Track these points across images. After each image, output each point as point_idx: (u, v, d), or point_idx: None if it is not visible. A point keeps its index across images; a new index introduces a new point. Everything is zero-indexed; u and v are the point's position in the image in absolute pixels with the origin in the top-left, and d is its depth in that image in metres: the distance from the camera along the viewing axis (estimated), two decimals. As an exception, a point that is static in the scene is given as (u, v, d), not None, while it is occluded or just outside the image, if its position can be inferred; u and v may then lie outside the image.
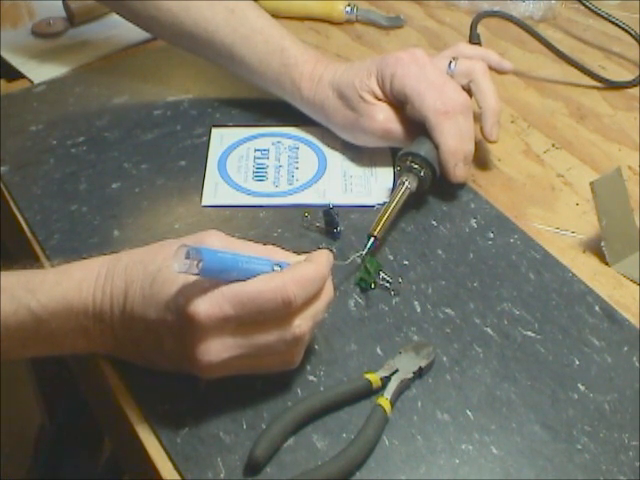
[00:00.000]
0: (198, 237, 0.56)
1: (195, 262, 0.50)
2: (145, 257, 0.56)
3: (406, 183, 0.71)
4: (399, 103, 0.75)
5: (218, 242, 0.55)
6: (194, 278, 0.53)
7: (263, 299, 0.53)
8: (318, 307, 0.57)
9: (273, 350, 0.55)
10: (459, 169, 0.73)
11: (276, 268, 0.55)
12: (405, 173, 0.72)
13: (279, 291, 0.53)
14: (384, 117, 0.75)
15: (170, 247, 0.54)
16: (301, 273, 0.55)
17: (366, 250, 0.67)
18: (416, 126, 0.74)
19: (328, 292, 0.58)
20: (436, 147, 0.72)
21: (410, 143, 0.73)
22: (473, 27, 0.88)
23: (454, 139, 0.72)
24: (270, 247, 0.58)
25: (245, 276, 0.54)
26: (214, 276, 0.53)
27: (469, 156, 0.74)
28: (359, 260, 0.66)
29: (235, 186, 0.77)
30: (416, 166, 0.72)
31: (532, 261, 0.69)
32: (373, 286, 0.66)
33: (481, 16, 0.90)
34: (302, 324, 0.55)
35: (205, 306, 0.52)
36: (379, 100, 0.75)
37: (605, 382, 0.60)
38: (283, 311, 0.54)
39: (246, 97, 0.87)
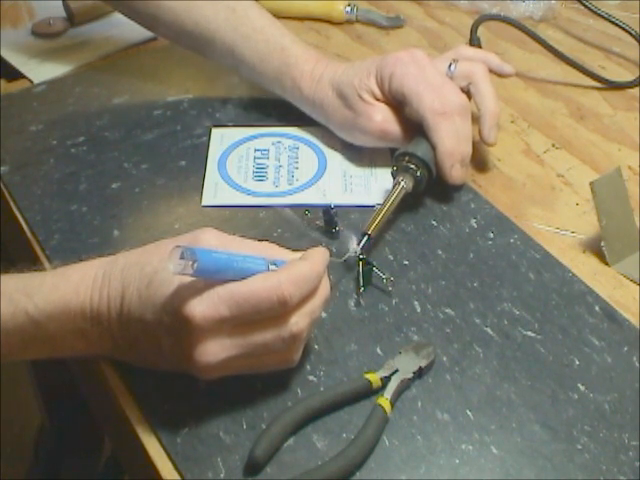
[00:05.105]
0: (193, 235, 0.56)
1: (190, 262, 0.50)
2: (141, 259, 0.56)
3: (402, 183, 0.71)
4: (398, 103, 0.75)
5: (214, 240, 0.55)
6: (190, 279, 0.53)
7: (259, 299, 0.53)
8: (315, 304, 0.57)
9: (271, 349, 0.55)
10: (456, 170, 0.73)
11: (272, 267, 0.55)
12: (402, 173, 0.72)
13: (275, 290, 0.53)
14: (382, 117, 0.75)
15: (166, 247, 0.54)
16: (296, 271, 0.55)
17: (360, 247, 0.67)
18: (414, 127, 0.74)
19: (324, 289, 0.58)
20: (433, 148, 0.72)
21: (407, 143, 0.73)
22: (473, 31, 0.88)
23: (451, 140, 0.72)
24: (266, 244, 0.58)
25: (241, 275, 0.53)
26: (209, 276, 0.53)
27: (466, 158, 0.74)
28: (354, 257, 0.66)
29: (235, 186, 0.77)
30: (413, 166, 0.72)
31: (532, 261, 0.69)
32: (363, 289, 0.66)
33: (480, 20, 0.89)
34: (299, 322, 0.55)
35: (201, 307, 0.52)
36: (378, 100, 0.75)
37: (605, 382, 0.60)
38: (279, 310, 0.54)
39: (246, 97, 0.87)
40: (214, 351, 0.53)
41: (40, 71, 0.93)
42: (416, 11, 1.06)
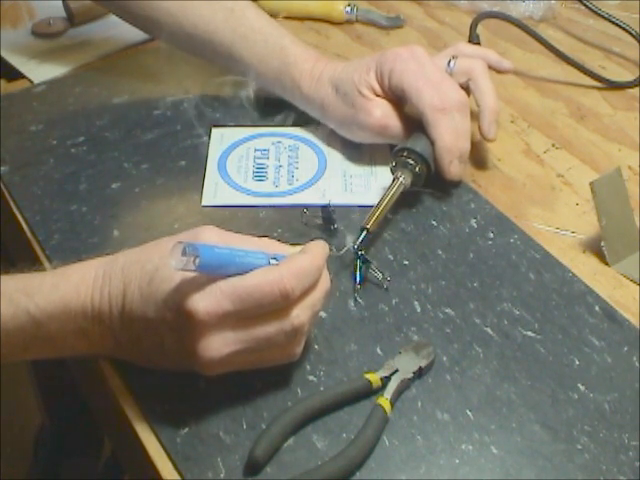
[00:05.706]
0: (193, 233, 0.56)
1: (192, 258, 0.50)
2: (141, 256, 0.56)
3: (401, 179, 0.71)
4: (397, 99, 0.75)
5: (214, 237, 0.55)
6: (192, 275, 0.53)
7: (261, 293, 0.53)
8: (315, 297, 0.57)
9: (273, 342, 0.55)
10: (454, 166, 0.73)
11: (272, 261, 0.56)
12: (400, 168, 0.72)
13: (276, 284, 0.53)
14: (381, 113, 0.75)
15: (166, 244, 0.54)
16: (297, 265, 0.55)
17: (359, 242, 0.67)
18: (413, 123, 0.74)
19: (325, 282, 0.58)
20: (432, 143, 0.72)
21: (406, 139, 0.74)
22: (472, 28, 0.88)
23: (450, 136, 0.72)
24: (266, 239, 0.59)
25: (242, 270, 0.54)
26: (211, 272, 0.53)
27: (465, 154, 0.74)
28: (353, 251, 0.66)
29: (235, 186, 0.77)
30: (411, 162, 0.72)
31: (532, 261, 0.69)
32: (359, 279, 0.66)
33: (480, 17, 0.89)
34: (300, 314, 0.55)
35: (204, 303, 0.52)
36: (377, 96, 0.75)
37: (605, 382, 0.60)
38: (281, 303, 0.54)
39: (246, 97, 0.87)
40: (217, 346, 0.53)
41: (40, 71, 0.93)
42: (416, 11, 1.06)
